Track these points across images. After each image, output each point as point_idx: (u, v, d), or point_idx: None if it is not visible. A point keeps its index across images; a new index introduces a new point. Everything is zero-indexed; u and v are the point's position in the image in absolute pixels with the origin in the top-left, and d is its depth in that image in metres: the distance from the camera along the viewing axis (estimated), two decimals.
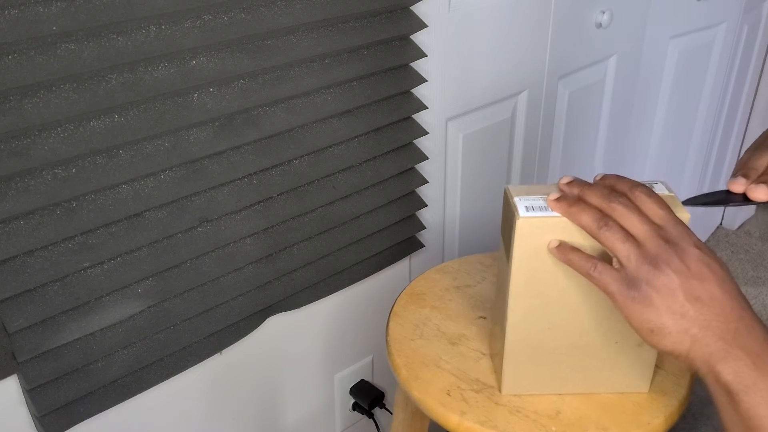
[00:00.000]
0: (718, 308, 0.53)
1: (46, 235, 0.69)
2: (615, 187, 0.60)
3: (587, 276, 0.58)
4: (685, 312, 0.53)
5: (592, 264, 0.58)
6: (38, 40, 0.63)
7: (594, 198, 0.59)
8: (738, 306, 0.54)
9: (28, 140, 0.66)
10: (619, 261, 0.56)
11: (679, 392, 0.70)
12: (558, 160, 1.43)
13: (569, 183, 0.62)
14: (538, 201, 0.62)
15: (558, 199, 0.61)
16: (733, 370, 0.51)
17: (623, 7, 1.38)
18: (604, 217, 0.57)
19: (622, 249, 0.56)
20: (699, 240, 0.56)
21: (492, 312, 0.81)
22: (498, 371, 0.71)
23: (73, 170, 0.70)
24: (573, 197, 0.61)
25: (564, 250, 0.61)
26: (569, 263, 0.60)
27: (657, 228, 0.56)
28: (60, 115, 0.66)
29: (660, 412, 0.68)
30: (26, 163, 0.66)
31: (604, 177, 0.62)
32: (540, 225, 0.61)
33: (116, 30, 0.68)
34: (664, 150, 1.73)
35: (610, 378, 0.69)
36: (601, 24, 1.33)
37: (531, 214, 0.61)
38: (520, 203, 0.62)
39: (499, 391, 0.71)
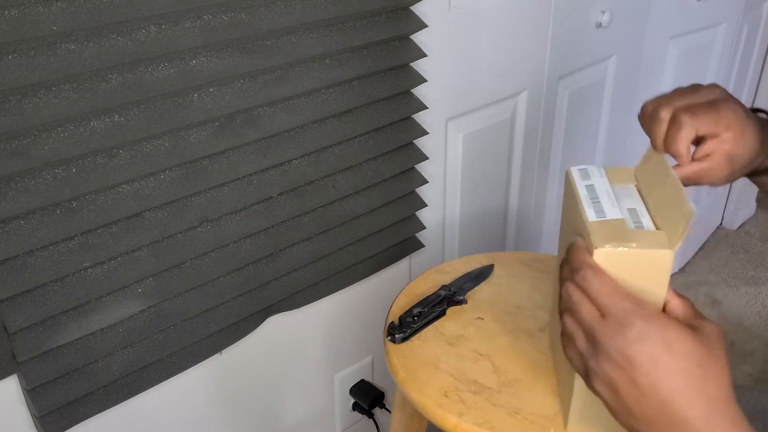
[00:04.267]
0: (656, 406, 0.49)
1: (46, 235, 0.69)
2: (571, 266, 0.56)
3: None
4: (626, 412, 0.51)
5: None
6: (38, 40, 0.63)
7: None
8: (675, 406, 0.49)
9: (28, 140, 0.66)
10: None
11: None
12: (558, 160, 1.43)
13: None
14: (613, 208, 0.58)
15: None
16: None
17: (623, 7, 1.38)
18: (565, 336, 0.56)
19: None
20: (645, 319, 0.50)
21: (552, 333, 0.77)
22: (565, 407, 0.67)
23: (73, 170, 0.70)
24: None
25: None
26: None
27: (594, 326, 0.52)
28: (60, 115, 0.66)
29: None
30: (26, 163, 0.66)
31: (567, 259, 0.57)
32: (619, 258, 0.54)
33: (116, 30, 0.68)
34: None
35: None
36: (601, 24, 1.33)
37: (610, 248, 0.54)
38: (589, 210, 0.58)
39: (565, 427, 0.67)
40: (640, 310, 0.50)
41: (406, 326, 0.79)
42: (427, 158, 1.05)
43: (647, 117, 0.63)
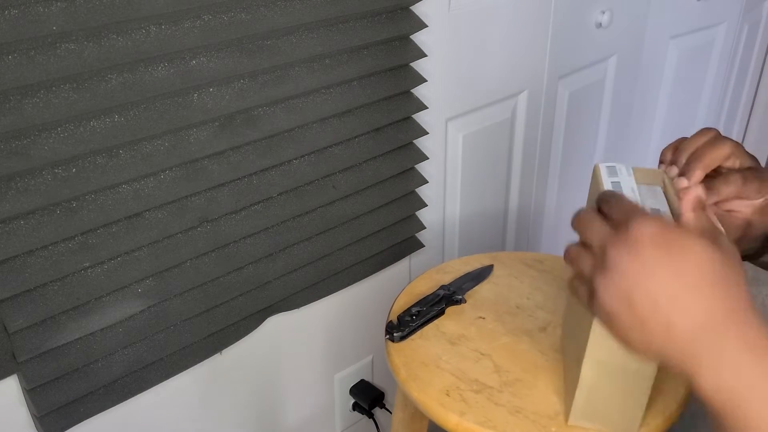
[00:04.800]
0: (681, 307, 0.45)
1: (46, 235, 0.69)
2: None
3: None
4: (637, 333, 0.47)
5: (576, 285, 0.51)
6: (38, 40, 0.63)
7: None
8: (710, 300, 0.44)
9: (28, 140, 0.66)
10: None
11: (678, 392, 0.70)
12: (558, 160, 1.43)
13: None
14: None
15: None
16: (714, 385, 0.44)
17: (623, 7, 1.38)
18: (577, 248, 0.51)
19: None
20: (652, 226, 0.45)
21: (565, 337, 0.76)
22: (569, 401, 0.67)
23: (73, 170, 0.70)
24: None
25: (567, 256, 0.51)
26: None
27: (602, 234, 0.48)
28: (60, 115, 0.66)
29: (660, 413, 0.68)
30: (26, 163, 0.66)
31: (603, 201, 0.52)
32: None
33: (116, 30, 0.68)
34: None
35: None
36: (601, 24, 1.33)
37: None
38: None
39: (566, 421, 0.67)
40: (642, 211, 0.47)
41: (404, 325, 0.79)
42: (427, 158, 1.05)
43: (713, 144, 0.61)
